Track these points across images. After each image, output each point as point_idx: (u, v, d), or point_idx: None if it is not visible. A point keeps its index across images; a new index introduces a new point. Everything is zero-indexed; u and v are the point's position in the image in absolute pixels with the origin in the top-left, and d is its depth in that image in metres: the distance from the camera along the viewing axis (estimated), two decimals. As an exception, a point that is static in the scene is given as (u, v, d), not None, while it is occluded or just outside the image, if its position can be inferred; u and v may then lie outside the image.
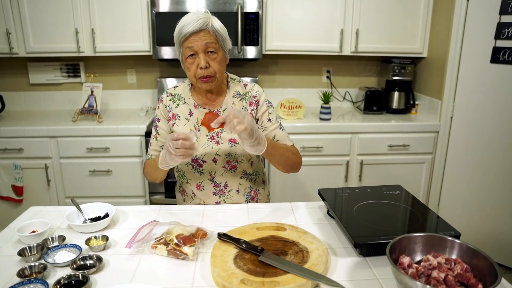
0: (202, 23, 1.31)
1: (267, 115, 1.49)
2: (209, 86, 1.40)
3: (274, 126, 1.50)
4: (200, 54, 1.34)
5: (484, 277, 0.91)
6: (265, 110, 1.49)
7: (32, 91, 3.12)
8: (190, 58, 1.35)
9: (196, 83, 1.41)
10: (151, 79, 3.15)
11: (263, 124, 1.49)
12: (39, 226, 1.23)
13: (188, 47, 1.33)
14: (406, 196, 1.39)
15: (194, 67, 1.36)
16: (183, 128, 1.47)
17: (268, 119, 1.49)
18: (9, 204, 2.70)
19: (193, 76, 1.37)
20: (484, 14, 2.41)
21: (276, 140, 1.48)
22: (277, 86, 3.23)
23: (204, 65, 1.34)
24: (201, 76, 1.36)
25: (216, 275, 0.99)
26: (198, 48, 1.33)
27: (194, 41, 1.32)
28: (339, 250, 1.15)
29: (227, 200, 1.52)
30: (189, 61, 1.36)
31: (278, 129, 1.50)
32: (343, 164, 2.78)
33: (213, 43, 1.34)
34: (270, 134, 1.48)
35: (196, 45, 1.32)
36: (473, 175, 2.60)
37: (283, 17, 2.77)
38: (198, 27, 1.31)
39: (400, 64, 3.00)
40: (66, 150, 2.61)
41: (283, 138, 1.50)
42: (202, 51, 1.33)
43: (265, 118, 1.49)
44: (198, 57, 1.34)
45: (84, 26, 2.69)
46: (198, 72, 1.36)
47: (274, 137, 1.48)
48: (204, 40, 1.32)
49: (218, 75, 1.38)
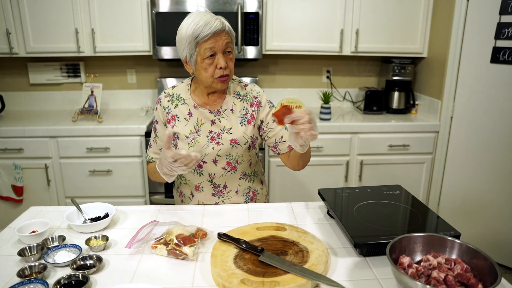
0: (221, 23, 1.31)
1: (271, 116, 1.49)
2: (225, 85, 1.41)
3: (280, 127, 1.49)
4: (219, 54, 1.33)
5: (484, 277, 0.91)
6: (268, 111, 1.49)
7: (32, 91, 3.12)
8: (209, 58, 1.34)
9: (211, 84, 1.39)
10: (151, 79, 3.15)
11: (268, 126, 1.49)
12: (39, 226, 1.23)
13: (209, 47, 1.32)
14: (406, 196, 1.39)
15: (212, 67, 1.35)
16: (183, 129, 1.46)
17: (273, 120, 1.49)
18: (9, 204, 2.70)
19: (211, 76, 1.36)
20: (484, 14, 2.41)
21: (283, 141, 1.49)
22: (277, 86, 3.23)
23: (224, 65, 1.34)
24: (220, 76, 1.36)
25: (216, 275, 0.99)
26: (219, 48, 1.32)
27: (216, 42, 1.31)
28: (339, 250, 1.15)
29: (226, 201, 1.51)
30: (208, 61, 1.34)
31: (284, 129, 1.50)
32: (343, 164, 2.78)
33: (230, 43, 1.36)
34: (278, 135, 1.49)
35: (218, 45, 1.32)
36: (473, 175, 2.60)
37: (283, 17, 2.77)
38: (220, 27, 1.30)
39: (400, 64, 3.00)
40: (66, 150, 2.61)
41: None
42: (221, 51, 1.33)
43: (270, 119, 1.49)
44: (217, 57, 1.34)
45: (84, 26, 2.69)
46: (217, 72, 1.35)
47: (281, 138, 1.48)
48: (225, 40, 1.33)
49: (231, 74, 1.40)
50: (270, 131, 1.49)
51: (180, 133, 1.45)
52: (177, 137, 1.46)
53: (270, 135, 1.49)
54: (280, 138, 1.49)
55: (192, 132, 1.45)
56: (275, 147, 1.50)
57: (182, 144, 1.45)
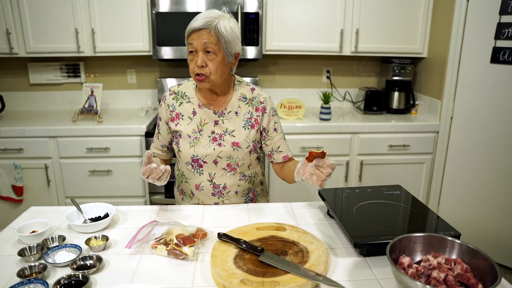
0: (206, 22, 1.31)
1: (273, 124, 1.50)
2: (203, 85, 1.39)
3: (279, 136, 1.52)
4: (199, 53, 1.34)
5: (484, 277, 0.91)
6: (271, 119, 1.50)
7: (32, 91, 3.12)
8: (191, 54, 1.36)
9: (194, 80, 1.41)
10: (151, 79, 3.15)
11: (268, 134, 1.50)
12: (39, 226, 1.23)
13: (189, 43, 1.35)
14: (406, 196, 1.39)
15: (192, 63, 1.36)
16: (187, 128, 1.46)
17: (274, 129, 1.50)
18: (9, 204, 2.70)
19: (192, 72, 1.38)
20: (484, 14, 2.41)
21: (280, 151, 1.52)
22: (277, 86, 3.23)
23: (200, 63, 1.34)
24: (196, 74, 1.36)
25: (216, 275, 0.99)
26: (197, 46, 1.33)
27: (195, 39, 1.33)
28: (339, 250, 1.15)
29: (226, 201, 1.52)
30: (190, 57, 1.37)
31: (282, 139, 1.53)
32: (343, 164, 2.78)
33: (213, 44, 1.33)
34: (275, 144, 1.51)
35: (196, 43, 1.33)
36: (473, 175, 2.60)
37: (283, 17, 2.77)
38: (200, 25, 1.31)
39: (400, 64, 3.00)
40: (66, 150, 2.61)
41: (286, 149, 1.54)
42: (201, 50, 1.34)
43: (271, 127, 1.50)
44: (197, 55, 1.34)
45: (84, 26, 2.69)
46: (195, 69, 1.36)
47: (278, 148, 1.51)
48: (204, 40, 1.32)
49: (213, 76, 1.36)
50: (268, 139, 1.51)
51: (183, 131, 1.46)
52: (179, 135, 1.48)
53: (268, 143, 1.51)
54: (277, 148, 1.51)
55: (194, 131, 1.45)
56: (270, 155, 1.54)
57: (184, 143, 1.46)
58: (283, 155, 1.52)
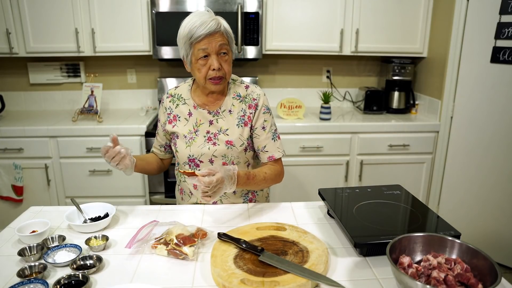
0: (216, 24, 1.31)
1: (261, 122, 1.48)
2: (218, 87, 1.40)
3: (266, 135, 1.48)
4: (212, 56, 1.33)
5: (484, 277, 0.91)
6: (261, 116, 1.48)
7: (32, 91, 3.12)
8: (203, 59, 1.34)
9: (205, 84, 1.40)
10: (151, 79, 3.15)
11: (255, 132, 1.48)
12: (39, 226, 1.23)
13: (202, 48, 1.32)
14: (406, 196, 1.39)
15: (205, 68, 1.35)
16: (183, 129, 1.47)
17: (262, 127, 1.47)
18: (9, 204, 2.70)
19: (203, 77, 1.37)
20: (484, 14, 2.41)
21: (265, 151, 1.48)
22: (277, 86, 3.23)
23: (217, 66, 1.33)
24: (213, 77, 1.36)
25: (216, 275, 0.99)
26: (212, 49, 1.32)
27: (209, 43, 1.31)
28: (339, 250, 1.15)
29: (224, 201, 1.52)
30: (201, 62, 1.35)
31: (270, 139, 1.48)
32: (343, 164, 2.78)
33: (226, 45, 1.34)
34: (261, 144, 1.48)
35: (211, 46, 1.32)
36: (473, 175, 2.60)
37: (283, 17, 2.77)
38: (213, 28, 1.30)
39: (400, 64, 2.99)
40: (66, 150, 2.61)
41: (273, 150, 1.48)
42: (215, 53, 1.33)
43: (259, 125, 1.47)
44: (211, 58, 1.33)
45: (84, 26, 2.69)
46: (210, 74, 1.35)
47: (264, 147, 1.48)
48: (218, 42, 1.32)
49: (227, 76, 1.39)
50: (255, 137, 1.49)
51: (180, 132, 1.48)
52: (176, 136, 1.49)
53: (255, 141, 1.50)
54: (262, 147, 1.48)
55: (190, 132, 1.47)
56: (258, 155, 1.52)
57: (181, 143, 1.48)
58: (268, 155, 1.48)
